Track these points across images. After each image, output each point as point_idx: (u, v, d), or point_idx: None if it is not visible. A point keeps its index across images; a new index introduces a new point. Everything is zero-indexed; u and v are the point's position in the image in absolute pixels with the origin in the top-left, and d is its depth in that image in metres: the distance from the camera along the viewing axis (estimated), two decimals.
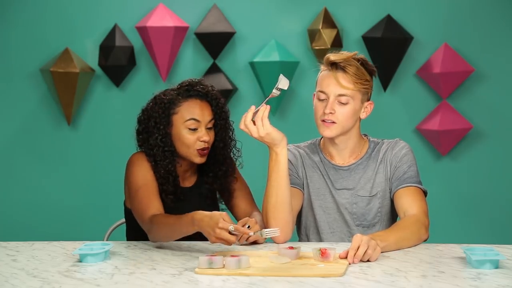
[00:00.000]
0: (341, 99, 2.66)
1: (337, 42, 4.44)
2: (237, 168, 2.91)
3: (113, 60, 4.46)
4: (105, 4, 4.53)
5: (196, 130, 2.75)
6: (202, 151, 2.75)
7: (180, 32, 4.43)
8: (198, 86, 2.79)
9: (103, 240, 3.06)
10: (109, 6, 4.53)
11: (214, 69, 4.51)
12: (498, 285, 2.03)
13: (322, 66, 2.73)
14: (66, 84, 4.40)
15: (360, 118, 2.74)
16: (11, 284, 2.13)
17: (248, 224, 2.53)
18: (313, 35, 4.46)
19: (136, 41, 4.50)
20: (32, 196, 4.57)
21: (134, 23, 4.48)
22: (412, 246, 2.52)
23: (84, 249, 2.40)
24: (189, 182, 2.86)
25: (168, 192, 2.74)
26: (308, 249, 2.41)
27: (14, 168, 4.58)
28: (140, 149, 2.82)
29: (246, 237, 2.49)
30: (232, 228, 2.34)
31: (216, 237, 2.34)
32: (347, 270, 2.20)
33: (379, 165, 2.76)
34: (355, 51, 2.72)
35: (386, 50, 4.43)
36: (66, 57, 4.42)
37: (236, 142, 2.88)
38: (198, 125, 2.75)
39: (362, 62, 2.70)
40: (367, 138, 2.83)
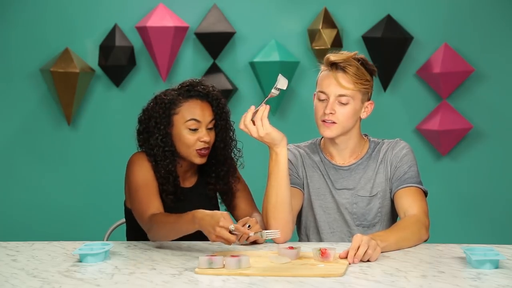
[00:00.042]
0: (341, 99, 2.66)
1: (337, 42, 4.44)
2: (238, 168, 2.90)
3: (113, 60, 4.46)
4: (105, 4, 4.53)
5: (196, 130, 2.75)
6: (202, 151, 2.75)
7: (180, 32, 4.43)
8: (199, 87, 2.78)
9: (103, 240, 3.05)
10: (109, 6, 4.53)
11: (214, 69, 4.51)
12: (498, 285, 2.03)
13: (322, 66, 2.72)
14: (66, 84, 4.40)
15: (360, 118, 2.74)
16: (11, 284, 2.13)
17: (249, 223, 2.54)
18: (313, 35, 4.46)
19: (136, 41, 4.50)
20: (32, 196, 4.57)
21: (134, 23, 4.48)
22: (412, 246, 2.52)
23: (84, 249, 2.40)
24: (189, 183, 2.86)
25: (168, 192, 2.74)
26: (308, 249, 2.40)
27: (14, 168, 4.58)
28: (141, 149, 2.82)
29: (246, 237, 2.49)
30: (232, 227, 2.34)
31: (217, 235, 2.34)
32: (347, 270, 2.20)
33: (380, 165, 2.75)
34: (355, 51, 2.72)
35: (386, 50, 4.43)
36: (66, 57, 4.41)
37: (237, 142, 2.87)
38: (199, 126, 2.75)
39: (362, 62, 2.70)
40: (368, 138, 2.83)
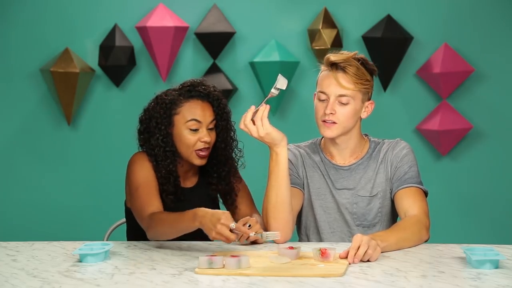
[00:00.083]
0: (341, 99, 2.66)
1: (337, 42, 4.44)
2: (239, 168, 2.90)
3: (113, 60, 4.46)
4: (105, 4, 4.53)
5: (197, 130, 2.75)
6: (202, 153, 2.75)
7: (180, 32, 4.43)
8: (200, 87, 2.78)
9: (103, 240, 3.05)
10: (109, 6, 4.53)
11: (214, 69, 4.51)
12: (498, 285, 2.03)
13: (322, 66, 2.72)
14: (66, 84, 4.40)
15: (361, 118, 2.74)
16: (11, 284, 2.12)
17: (249, 223, 2.54)
18: (313, 35, 4.46)
19: (136, 41, 4.50)
20: (32, 196, 4.57)
21: (134, 23, 4.48)
22: (413, 246, 2.52)
23: (84, 249, 2.40)
24: (190, 183, 2.86)
25: (168, 192, 2.74)
26: (308, 249, 2.40)
27: (14, 168, 4.58)
28: (142, 149, 2.82)
29: (246, 237, 2.49)
30: (233, 225, 2.35)
31: (217, 232, 2.34)
32: (347, 270, 2.20)
33: (380, 165, 2.75)
34: (355, 51, 2.71)
35: (386, 50, 4.42)
36: (66, 57, 4.41)
37: (238, 142, 2.87)
38: (199, 126, 2.75)
39: (363, 62, 2.69)
40: (368, 138, 2.82)
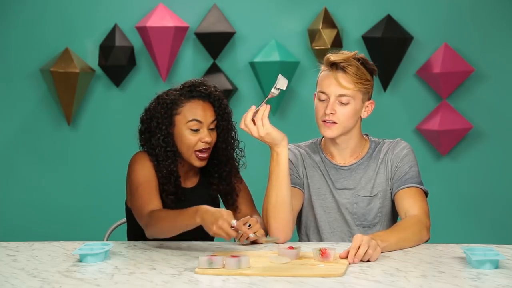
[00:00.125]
0: (341, 99, 2.66)
1: (337, 42, 4.44)
2: (240, 168, 2.89)
3: (113, 60, 4.46)
4: (105, 4, 4.53)
5: (198, 131, 2.74)
6: (202, 154, 2.74)
7: (180, 32, 4.43)
8: (201, 87, 2.77)
9: (103, 240, 3.05)
10: (109, 6, 4.53)
11: (214, 69, 4.51)
12: (498, 285, 2.03)
13: (322, 66, 2.72)
14: (66, 84, 4.40)
15: (361, 118, 2.74)
16: (11, 284, 2.12)
17: (249, 223, 2.54)
18: (313, 35, 4.46)
19: (136, 41, 4.50)
20: (32, 196, 4.57)
21: (134, 23, 4.48)
22: (413, 246, 2.52)
23: (84, 249, 2.40)
24: (191, 183, 2.85)
25: (169, 192, 2.74)
26: (308, 249, 2.40)
27: (14, 168, 4.58)
28: (143, 149, 2.81)
29: (246, 237, 2.50)
30: (234, 222, 2.36)
31: (219, 226, 2.34)
32: (347, 270, 2.20)
33: (380, 165, 2.75)
34: (355, 51, 2.71)
35: (386, 50, 4.42)
36: (66, 57, 4.41)
37: (239, 142, 2.87)
38: (200, 126, 2.74)
39: (362, 62, 2.69)
40: (368, 138, 2.82)
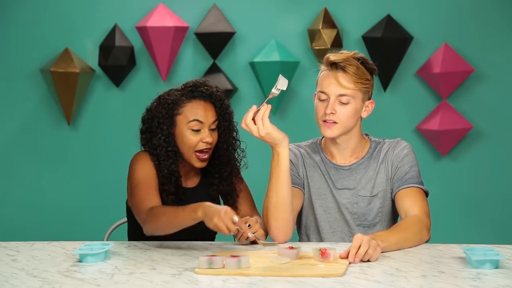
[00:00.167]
0: (342, 99, 2.66)
1: (337, 42, 4.44)
2: (241, 169, 2.89)
3: (113, 60, 4.46)
4: (105, 4, 4.53)
5: (199, 131, 2.74)
6: (202, 155, 2.74)
7: (180, 32, 4.43)
8: (202, 87, 2.77)
9: (103, 240, 3.05)
10: (109, 6, 4.53)
11: (214, 69, 4.51)
12: (498, 285, 2.03)
13: (322, 66, 2.72)
14: (66, 84, 4.40)
15: (361, 118, 2.74)
16: (11, 284, 2.12)
17: (249, 222, 2.54)
18: (313, 35, 4.46)
19: (136, 41, 4.50)
20: (32, 196, 4.57)
21: (134, 23, 4.48)
22: (413, 246, 2.52)
23: (84, 249, 2.40)
24: (192, 183, 2.85)
25: (169, 192, 2.73)
26: (308, 249, 2.40)
27: (14, 168, 4.58)
28: (144, 148, 2.81)
29: (246, 236, 2.50)
30: (236, 218, 2.37)
31: (220, 218, 2.35)
32: (347, 270, 2.20)
33: (380, 165, 2.75)
34: (355, 51, 2.71)
35: (386, 50, 4.43)
36: (66, 57, 4.41)
37: (240, 142, 2.86)
38: (201, 126, 2.74)
39: (362, 61, 2.69)
40: (369, 137, 2.82)
